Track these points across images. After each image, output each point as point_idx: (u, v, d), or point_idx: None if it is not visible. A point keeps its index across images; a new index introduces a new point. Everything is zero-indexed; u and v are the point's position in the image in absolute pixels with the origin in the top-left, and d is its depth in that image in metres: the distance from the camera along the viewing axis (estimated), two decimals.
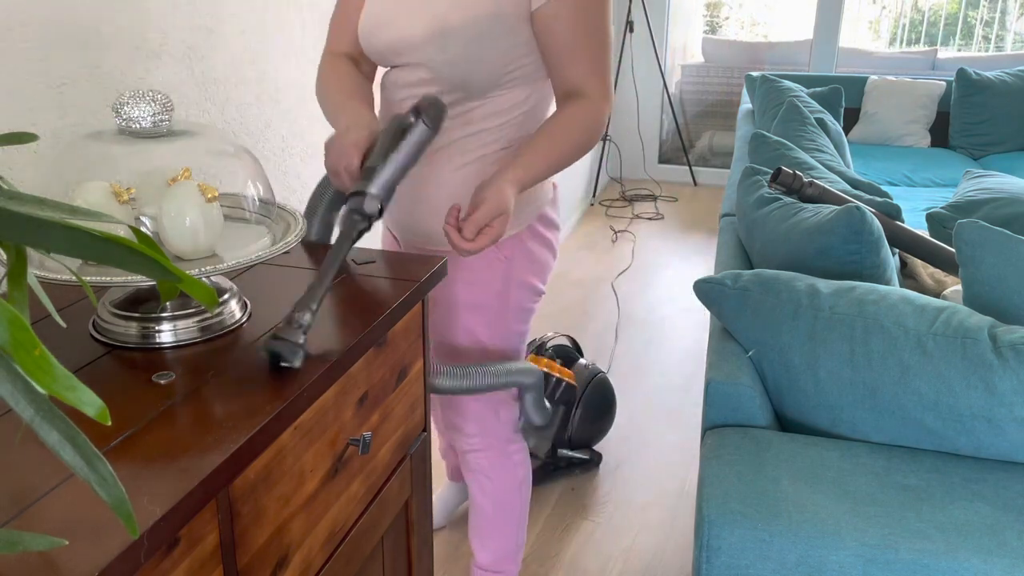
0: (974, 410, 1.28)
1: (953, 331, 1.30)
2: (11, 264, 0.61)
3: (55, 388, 0.52)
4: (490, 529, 1.83)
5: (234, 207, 1.14)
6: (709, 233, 4.55)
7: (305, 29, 1.95)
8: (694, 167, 5.44)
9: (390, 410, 1.21)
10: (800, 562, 1.17)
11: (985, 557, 1.13)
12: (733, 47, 5.59)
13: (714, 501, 1.22)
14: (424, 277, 1.23)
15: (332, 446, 1.04)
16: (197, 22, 1.61)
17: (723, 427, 1.41)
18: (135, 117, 1.03)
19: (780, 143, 2.32)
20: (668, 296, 3.74)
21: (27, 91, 1.27)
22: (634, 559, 2.13)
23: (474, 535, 1.86)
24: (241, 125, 1.77)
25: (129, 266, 0.57)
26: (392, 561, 1.30)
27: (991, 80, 4.20)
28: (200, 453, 0.78)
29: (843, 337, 1.35)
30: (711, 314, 1.59)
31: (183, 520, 0.73)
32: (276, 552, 0.94)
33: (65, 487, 0.73)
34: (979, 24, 5.38)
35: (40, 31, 1.27)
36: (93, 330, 1.03)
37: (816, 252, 1.62)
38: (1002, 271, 1.43)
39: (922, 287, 2.23)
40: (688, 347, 3.27)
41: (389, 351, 1.18)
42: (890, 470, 1.29)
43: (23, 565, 0.64)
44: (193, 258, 1.03)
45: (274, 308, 1.11)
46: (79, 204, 0.99)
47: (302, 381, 0.93)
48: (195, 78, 1.62)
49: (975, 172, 2.67)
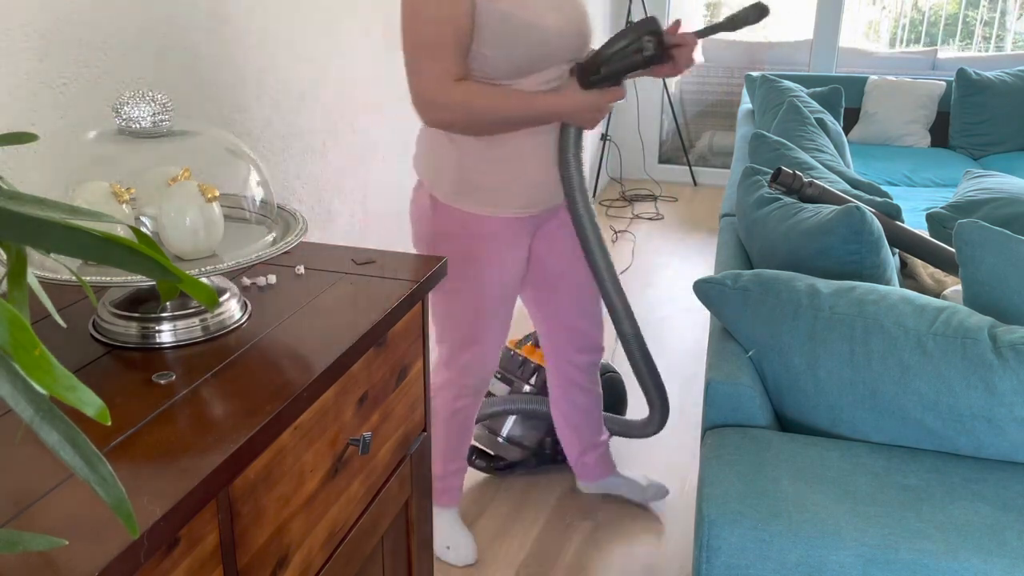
0: (974, 410, 1.28)
1: (953, 331, 1.30)
2: (11, 264, 0.61)
3: (55, 388, 0.52)
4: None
5: (234, 207, 1.14)
6: (709, 233, 4.55)
7: (306, 29, 1.95)
8: (694, 167, 5.44)
9: (390, 410, 1.21)
10: (800, 562, 1.17)
11: (985, 557, 1.13)
12: (733, 47, 5.59)
13: (714, 501, 1.22)
14: (424, 277, 1.23)
15: (332, 446, 1.04)
16: (197, 22, 1.61)
17: (723, 427, 1.41)
18: (135, 117, 1.03)
19: (780, 143, 2.32)
20: (668, 296, 3.74)
21: (27, 91, 1.27)
22: (634, 559, 2.13)
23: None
24: (241, 125, 1.77)
25: (129, 266, 0.57)
26: (392, 561, 1.30)
27: (991, 80, 4.20)
28: (200, 453, 0.78)
29: (843, 337, 1.35)
30: (711, 314, 1.59)
31: (183, 520, 0.73)
32: (276, 552, 0.94)
33: (65, 487, 0.73)
34: (979, 24, 5.38)
35: (40, 31, 1.27)
36: (93, 330, 1.03)
37: (816, 252, 1.62)
38: (1002, 271, 1.43)
39: (922, 287, 2.23)
40: (688, 347, 3.27)
41: (389, 351, 1.18)
42: (890, 470, 1.29)
43: (23, 565, 0.64)
44: (193, 258, 1.03)
45: (274, 308, 1.11)
46: (79, 204, 0.99)
47: (302, 381, 0.93)
48: (195, 78, 1.62)
49: (975, 172, 2.67)
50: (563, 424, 2.23)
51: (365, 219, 2.33)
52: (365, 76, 2.24)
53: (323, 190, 2.10)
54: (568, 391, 2.17)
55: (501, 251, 1.83)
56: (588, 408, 2.20)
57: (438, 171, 1.79)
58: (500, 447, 2.39)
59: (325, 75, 2.05)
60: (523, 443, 2.38)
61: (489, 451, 2.40)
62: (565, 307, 2.04)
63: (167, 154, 1.07)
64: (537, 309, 2.06)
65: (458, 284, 1.85)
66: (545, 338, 2.11)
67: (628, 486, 2.32)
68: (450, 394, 2.00)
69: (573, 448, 2.26)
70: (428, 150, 1.81)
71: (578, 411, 2.19)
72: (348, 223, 2.24)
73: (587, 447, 2.25)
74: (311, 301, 1.14)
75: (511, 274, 1.88)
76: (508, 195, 1.79)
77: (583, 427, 2.22)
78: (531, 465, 2.43)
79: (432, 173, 1.80)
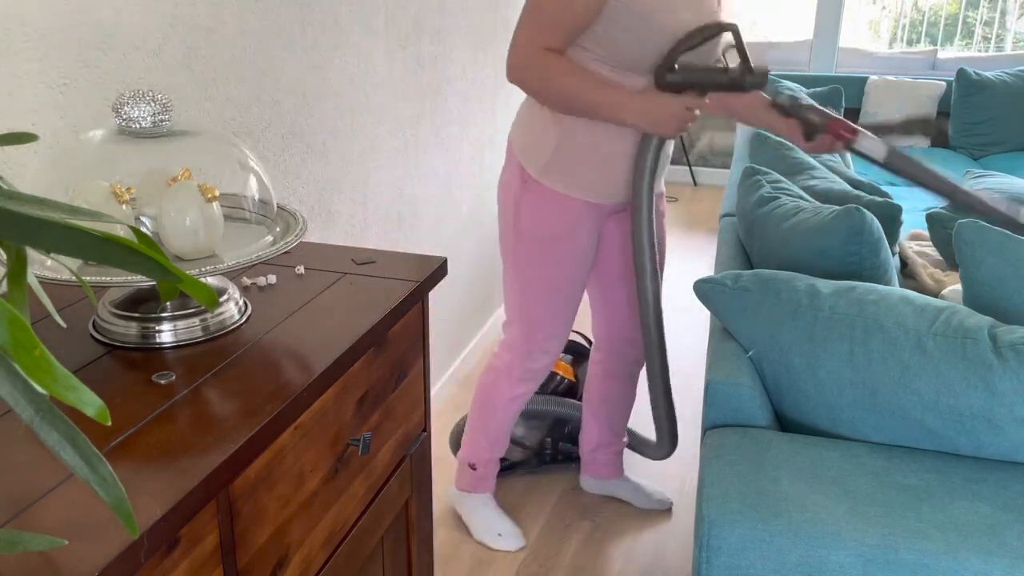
0: (974, 410, 1.27)
1: (953, 331, 1.30)
2: (11, 264, 0.61)
3: (55, 388, 0.52)
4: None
5: (234, 207, 1.14)
6: (709, 233, 4.55)
7: (305, 29, 1.95)
8: (694, 167, 5.43)
9: (390, 410, 1.21)
10: (800, 562, 1.17)
11: (985, 557, 1.13)
12: None
13: (714, 501, 1.22)
14: (424, 277, 1.23)
15: (332, 446, 1.04)
16: (197, 22, 1.61)
17: (723, 427, 1.41)
18: (135, 117, 1.03)
19: (780, 143, 2.32)
20: (668, 296, 3.74)
21: (27, 91, 1.27)
22: (634, 559, 2.13)
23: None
24: (241, 125, 1.77)
25: (129, 266, 0.57)
26: (392, 561, 1.30)
27: (991, 80, 4.20)
28: (200, 453, 0.78)
29: (843, 337, 1.35)
30: (711, 314, 1.59)
31: (183, 520, 0.73)
32: (276, 552, 0.94)
33: (65, 487, 0.73)
34: (979, 24, 5.38)
35: (40, 31, 1.27)
36: (93, 330, 1.03)
37: (816, 252, 1.62)
38: (1002, 271, 1.43)
39: (922, 287, 2.23)
40: (688, 347, 3.27)
41: (389, 351, 1.18)
42: (890, 470, 1.29)
43: (23, 565, 0.64)
44: (193, 258, 1.03)
45: (274, 308, 1.11)
46: (79, 204, 0.99)
47: (302, 381, 0.93)
48: (195, 78, 1.62)
49: (975, 172, 2.67)
50: (589, 415, 2.25)
51: (365, 219, 2.33)
52: (366, 76, 2.24)
53: (323, 190, 2.10)
54: (605, 381, 2.19)
55: (579, 233, 1.87)
56: (619, 404, 2.22)
57: (535, 147, 1.83)
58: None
59: (325, 75, 2.05)
60: (524, 443, 2.39)
61: None
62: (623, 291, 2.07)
63: (167, 154, 1.07)
64: (598, 291, 2.09)
65: (536, 259, 1.89)
66: (601, 322, 2.14)
67: (633, 491, 2.32)
68: (514, 377, 2.03)
69: (590, 440, 2.27)
70: (529, 127, 1.85)
71: (606, 404, 2.21)
72: (348, 223, 2.24)
73: (604, 443, 2.26)
74: (311, 301, 1.14)
75: (587, 256, 1.92)
76: (595, 181, 1.83)
77: (607, 421, 2.23)
78: (532, 465, 2.44)
79: (528, 149, 1.85)
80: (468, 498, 2.20)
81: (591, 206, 1.86)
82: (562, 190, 1.83)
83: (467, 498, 2.20)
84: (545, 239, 1.87)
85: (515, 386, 2.04)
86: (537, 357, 2.00)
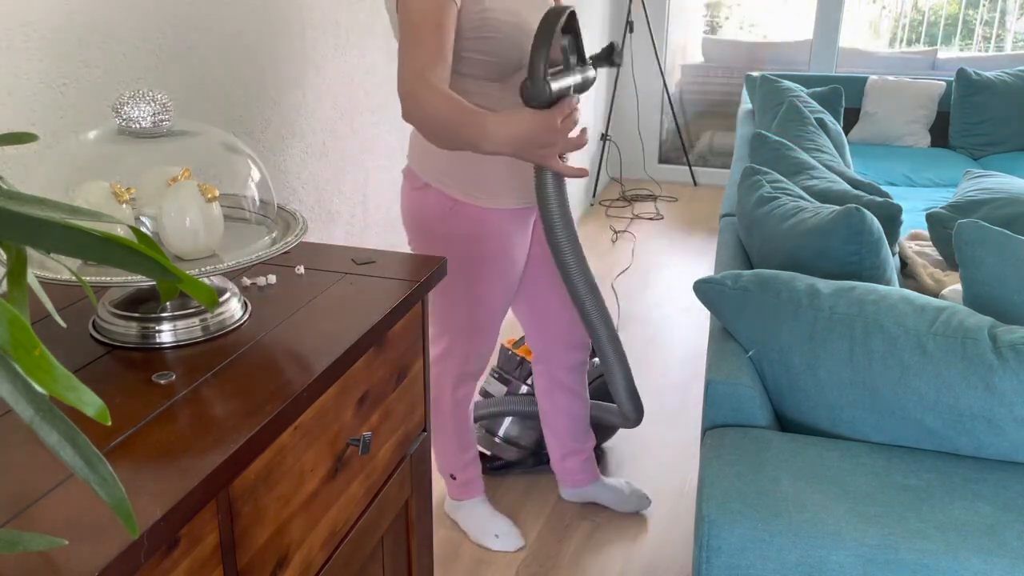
0: (974, 410, 1.27)
1: (953, 331, 1.30)
2: (11, 264, 0.61)
3: (55, 388, 0.52)
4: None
5: (234, 207, 1.14)
6: (709, 233, 4.55)
7: (305, 29, 1.95)
8: (694, 167, 5.44)
9: (390, 410, 1.21)
10: (800, 562, 1.17)
11: (985, 557, 1.13)
12: (733, 47, 5.59)
13: (714, 501, 1.22)
14: (424, 277, 1.23)
15: (332, 446, 1.04)
16: (197, 22, 1.61)
17: (723, 427, 1.41)
18: (135, 117, 1.03)
19: (780, 143, 2.32)
20: (668, 296, 3.74)
21: (27, 91, 1.27)
22: (634, 559, 2.13)
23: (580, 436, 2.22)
24: (241, 125, 1.77)
25: (129, 266, 0.57)
26: (392, 561, 1.30)
27: (991, 80, 4.20)
28: (200, 453, 0.78)
29: (843, 337, 1.35)
30: (711, 314, 1.59)
31: (183, 520, 0.73)
32: (276, 552, 0.94)
33: (65, 487, 0.73)
34: (979, 24, 5.38)
35: (40, 31, 1.27)
36: (93, 330, 1.03)
37: (816, 252, 1.62)
38: (1002, 271, 1.43)
39: (922, 287, 2.23)
40: (688, 347, 3.27)
41: (389, 351, 1.18)
42: (890, 470, 1.29)
43: (23, 565, 0.64)
44: (193, 258, 1.03)
45: (274, 308, 1.11)
46: (79, 204, 0.99)
47: (302, 381, 0.93)
48: (195, 78, 1.62)
49: (975, 172, 2.67)
50: (547, 429, 2.23)
51: (365, 219, 2.33)
52: (365, 76, 2.24)
53: (323, 190, 2.10)
54: (551, 392, 2.17)
55: (504, 241, 1.86)
56: (572, 412, 2.18)
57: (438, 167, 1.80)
58: (497, 447, 2.39)
59: (325, 75, 2.05)
60: (520, 443, 2.39)
61: (486, 451, 2.40)
62: (550, 299, 2.04)
63: (167, 154, 1.07)
64: (525, 304, 2.07)
65: (459, 279, 1.87)
66: (533, 334, 2.12)
67: (609, 494, 2.29)
68: (450, 384, 2.02)
69: (555, 452, 2.25)
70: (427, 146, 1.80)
71: (559, 414, 2.18)
72: (348, 223, 2.24)
73: (568, 452, 2.24)
74: (311, 301, 1.14)
75: (516, 262, 1.91)
76: (507, 188, 1.81)
77: (564, 431, 2.20)
78: (528, 465, 2.43)
79: (432, 169, 1.81)
80: (461, 506, 2.20)
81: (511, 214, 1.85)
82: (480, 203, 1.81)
83: (461, 506, 2.20)
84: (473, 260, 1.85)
85: (455, 391, 2.03)
86: (474, 360, 2.00)
